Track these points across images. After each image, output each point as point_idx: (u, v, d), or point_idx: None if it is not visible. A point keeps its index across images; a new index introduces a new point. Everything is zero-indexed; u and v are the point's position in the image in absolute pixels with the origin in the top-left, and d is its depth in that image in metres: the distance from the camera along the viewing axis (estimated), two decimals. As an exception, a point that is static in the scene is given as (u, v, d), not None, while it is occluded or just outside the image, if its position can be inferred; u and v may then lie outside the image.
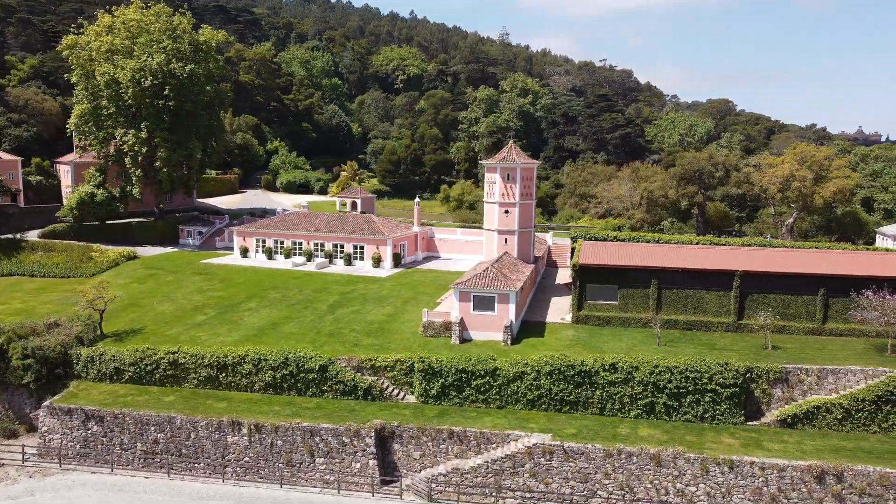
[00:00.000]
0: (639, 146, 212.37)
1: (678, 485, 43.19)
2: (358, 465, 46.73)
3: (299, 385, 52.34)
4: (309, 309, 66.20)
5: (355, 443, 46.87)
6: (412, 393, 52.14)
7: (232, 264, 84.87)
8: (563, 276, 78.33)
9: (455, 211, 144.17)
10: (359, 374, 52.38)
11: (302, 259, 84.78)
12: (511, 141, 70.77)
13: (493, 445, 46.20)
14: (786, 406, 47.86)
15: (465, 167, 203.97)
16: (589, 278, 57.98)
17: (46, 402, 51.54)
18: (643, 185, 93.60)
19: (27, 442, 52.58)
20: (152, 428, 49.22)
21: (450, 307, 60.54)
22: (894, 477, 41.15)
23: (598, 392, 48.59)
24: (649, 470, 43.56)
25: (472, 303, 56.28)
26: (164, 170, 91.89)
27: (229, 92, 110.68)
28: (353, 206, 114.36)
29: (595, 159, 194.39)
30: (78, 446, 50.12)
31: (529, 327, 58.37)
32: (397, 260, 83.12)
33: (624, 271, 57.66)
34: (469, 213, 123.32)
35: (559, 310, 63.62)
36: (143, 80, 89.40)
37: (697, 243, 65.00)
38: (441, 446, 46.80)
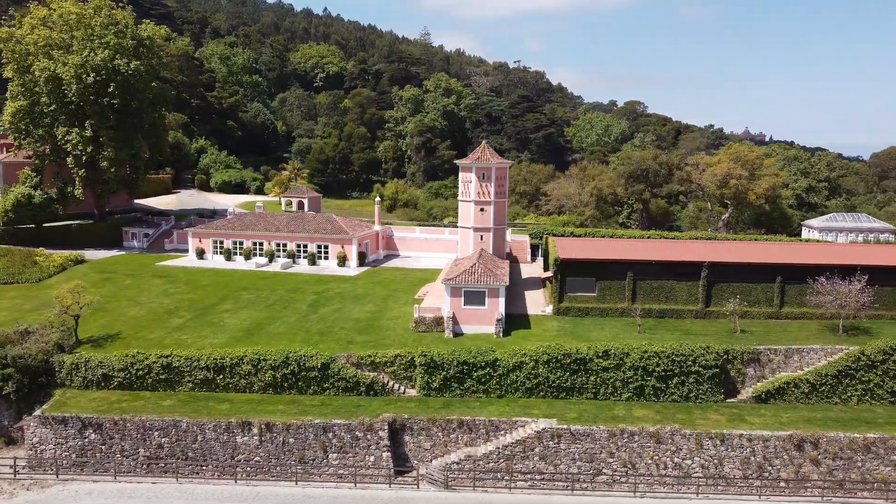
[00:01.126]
0: (560, 146, 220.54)
1: (675, 459, 47.02)
2: (372, 459, 47.92)
3: (300, 384, 52.76)
4: (289, 309, 66.31)
5: (368, 436, 48.02)
6: (412, 387, 53.66)
7: (190, 266, 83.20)
8: (526, 270, 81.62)
9: (394, 210, 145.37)
10: (358, 370, 53.39)
11: (264, 260, 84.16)
12: (484, 142, 73.37)
13: (502, 432, 48.54)
14: (759, 383, 52.80)
15: (392, 166, 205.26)
16: (569, 272, 61.33)
17: (37, 412, 49.64)
18: (592, 184, 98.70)
19: (5, 455, 50.39)
20: (156, 433, 48.47)
21: (434, 303, 62.43)
22: (861, 441, 46.54)
23: (592, 378, 51.83)
24: (649, 447, 47.16)
25: (462, 298, 58.41)
26: (112, 170, 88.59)
27: (172, 90, 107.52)
28: (300, 205, 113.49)
29: (520, 158, 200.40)
30: (74, 455, 48.63)
31: (514, 320, 61.06)
32: (362, 259, 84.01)
33: (602, 264, 61.39)
34: (415, 212, 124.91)
35: (535, 303, 66.69)
36: (86, 76, 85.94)
37: (649, 237, 69.79)
38: (451, 436, 48.69)
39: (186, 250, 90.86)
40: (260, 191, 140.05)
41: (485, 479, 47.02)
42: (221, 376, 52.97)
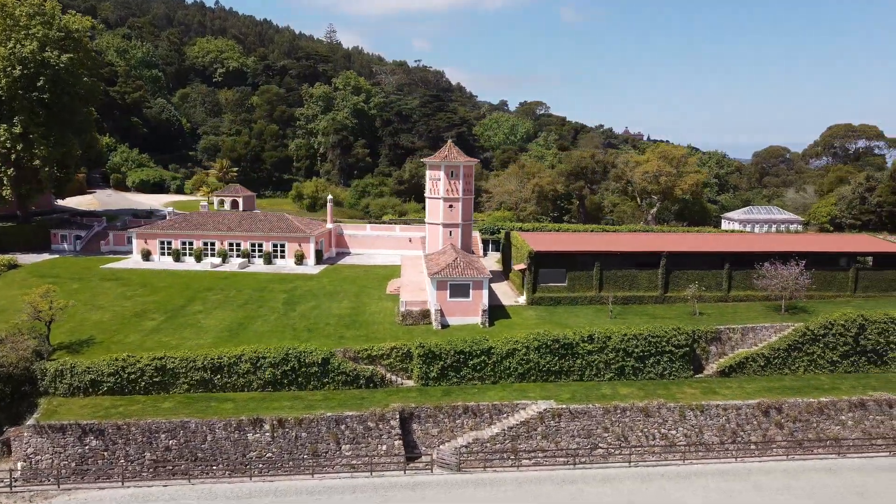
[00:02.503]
0: (470, 144, 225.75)
1: (662, 430, 51.76)
2: (384, 447, 49.50)
3: (300, 380, 53.39)
4: (264, 308, 66.21)
5: (380, 426, 49.58)
6: (408, 378, 55.57)
7: (139, 268, 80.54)
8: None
9: (316, 210, 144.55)
10: (356, 364, 54.65)
11: (218, 260, 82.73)
12: (450, 141, 75.70)
13: (504, 415, 51.51)
14: (721, 359, 58.72)
15: (305, 164, 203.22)
16: (542, 263, 65.16)
17: (30, 422, 47.51)
18: (534, 181, 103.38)
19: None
20: (163, 435, 47.74)
21: (416, 296, 64.42)
22: (815, 405, 53.19)
23: (578, 361, 55.81)
24: (639, 420, 51.64)
25: (448, 291, 60.83)
26: (46, 168, 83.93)
27: (101, 85, 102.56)
28: (234, 204, 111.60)
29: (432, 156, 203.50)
30: (73, 464, 47.01)
31: (493, 311, 64.09)
32: (319, 257, 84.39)
33: (571, 256, 65.69)
34: (350, 211, 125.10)
35: (505, 294, 70.10)
36: (12, 69, 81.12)
37: (591, 231, 74.99)
38: (457, 421, 51.11)
39: (126, 252, 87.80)
40: (180, 190, 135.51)
41: (493, 460, 49.80)
42: (219, 376, 52.69)
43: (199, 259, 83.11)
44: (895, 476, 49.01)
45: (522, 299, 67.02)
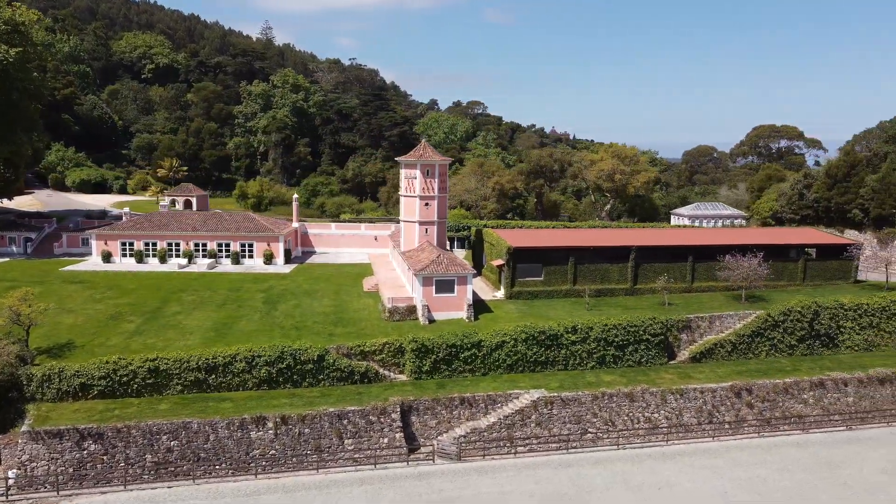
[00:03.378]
0: (412, 143, 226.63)
1: (646, 413, 54.86)
2: (385, 440, 50.55)
3: (295, 377, 53.76)
4: (245, 307, 65.93)
5: (382, 419, 50.62)
6: (400, 372, 56.78)
7: (101, 270, 78.33)
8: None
9: (262, 209, 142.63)
10: (350, 360, 55.45)
11: (184, 261, 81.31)
12: (423, 140, 76.85)
13: (499, 405, 53.45)
14: (692, 346, 62.48)
15: (245, 163, 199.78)
16: (520, 259, 67.47)
17: (24, 428, 46.18)
18: (494, 179, 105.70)
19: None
20: (164, 436, 47.31)
21: (397, 293, 65.56)
22: (781, 385, 57.49)
23: (563, 351, 58.35)
24: (625, 405, 54.57)
25: (434, 287, 62.29)
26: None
27: (48, 82, 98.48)
28: (188, 204, 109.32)
29: (374, 155, 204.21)
30: (71, 470, 46.01)
31: (475, 305, 65.78)
32: (288, 256, 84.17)
33: (547, 251, 68.26)
34: (306, 210, 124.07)
35: (480, 290, 71.97)
36: (-43, 63, 77.50)
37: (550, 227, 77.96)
38: (454, 412, 52.71)
39: (81, 254, 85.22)
40: (123, 190, 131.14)
41: (490, 448, 51.63)
42: (214, 376, 52.49)
43: (163, 260, 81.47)
44: (855, 448, 53.59)
45: (500, 294, 69.15)
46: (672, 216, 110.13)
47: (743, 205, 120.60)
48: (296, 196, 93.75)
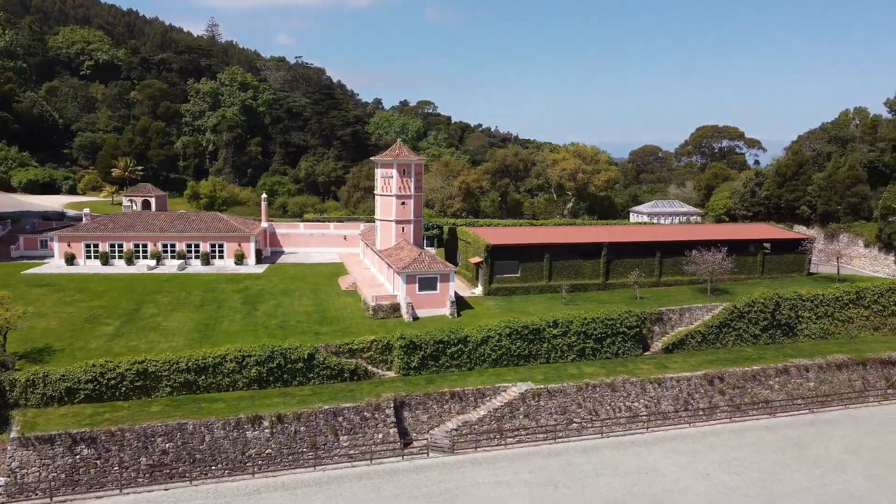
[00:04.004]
0: (365, 143, 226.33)
1: (627, 403, 57.17)
2: (380, 436, 51.29)
3: (285, 376, 53.92)
4: (224, 308, 65.50)
5: (377, 415, 51.33)
6: (388, 369, 57.57)
7: (64, 273, 76.32)
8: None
9: (221, 210, 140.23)
10: (339, 358, 55.92)
11: (153, 262, 79.86)
12: (399, 140, 77.46)
13: (488, 398, 54.85)
14: (664, 337, 65.27)
15: (194, 163, 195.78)
16: (498, 256, 69.07)
17: (14, 435, 45.04)
18: (460, 179, 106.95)
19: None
20: (159, 439, 46.88)
21: (380, 291, 66.25)
22: (749, 373, 60.74)
23: (545, 345, 60.18)
24: (607, 395, 56.75)
25: (417, 284, 63.25)
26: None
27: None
28: (146, 204, 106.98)
29: (326, 154, 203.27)
30: (63, 475, 45.15)
31: (457, 302, 67.08)
32: (259, 256, 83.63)
33: (524, 248, 70.08)
34: (271, 211, 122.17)
35: (456, 287, 73.14)
36: None
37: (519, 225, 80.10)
38: (445, 406, 53.84)
39: (40, 257, 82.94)
40: (73, 190, 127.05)
41: (481, 441, 52.98)
42: (203, 377, 52.18)
43: (130, 262, 79.83)
44: (819, 429, 57.17)
45: (478, 290, 70.59)
46: (631, 213, 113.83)
47: (692, 202, 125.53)
48: (265, 196, 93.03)
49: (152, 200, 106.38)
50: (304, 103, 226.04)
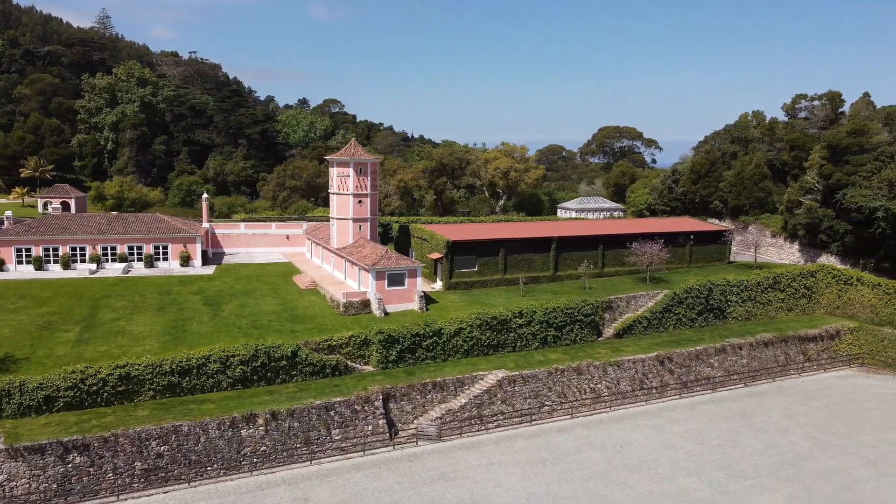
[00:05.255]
0: (274, 142, 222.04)
1: (591, 385, 61.40)
2: (370, 427, 52.68)
3: (269, 375, 54.21)
4: (187, 310, 64.44)
5: (366, 408, 52.68)
6: (366, 364, 58.93)
7: (-2, 279, 71.89)
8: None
9: (126, 211, 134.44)
10: (319, 354, 56.72)
11: (93, 266, 76.62)
12: (353, 139, 78.05)
13: (467, 386, 57.43)
14: (615, 324, 70.23)
15: (92, 162, 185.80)
16: (457, 252, 71.72)
17: (0, 447, 43.02)
18: (398, 177, 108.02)
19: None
20: (154, 442, 46.19)
21: (342, 288, 67.21)
22: (694, 353, 66.63)
23: (511, 335, 63.47)
24: (574, 379, 60.74)
25: (386, 280, 64.77)
26: None
27: None
28: (65, 206, 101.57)
29: (234, 153, 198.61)
30: (55, 486, 43.68)
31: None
32: (205, 257, 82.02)
33: (481, 244, 73.08)
34: (181, 210, 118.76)
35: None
36: None
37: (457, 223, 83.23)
38: (427, 396, 55.93)
39: (-42, 263, 77.30)
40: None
41: (464, 427, 55.48)
42: (188, 379, 51.65)
43: (66, 266, 76.19)
44: (756, 400, 63.71)
45: (438, 285, 72.93)
46: (559, 210, 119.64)
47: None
48: (205, 196, 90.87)
49: (71, 202, 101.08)
50: (207, 100, 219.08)
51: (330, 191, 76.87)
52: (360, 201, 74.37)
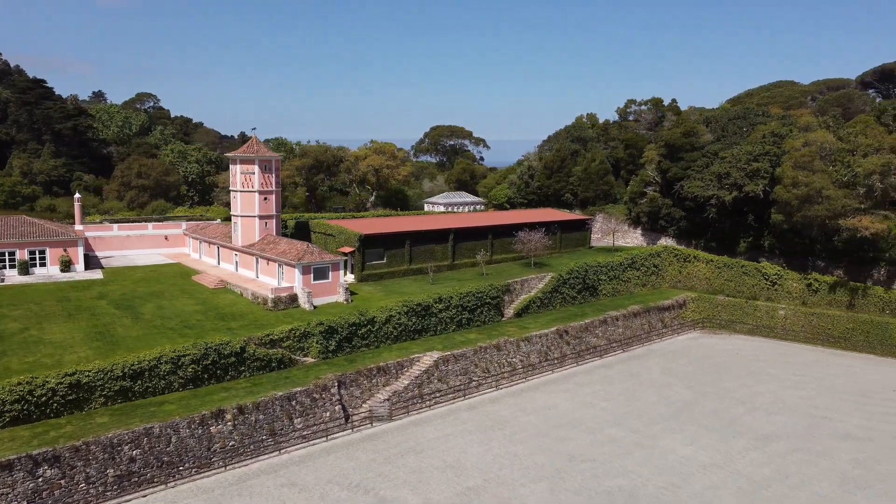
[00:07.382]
0: (86, 137, 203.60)
1: (508, 359, 68.09)
2: (328, 414, 54.79)
3: (219, 372, 54.18)
4: (102, 315, 61.75)
5: (324, 395, 54.71)
6: (305, 355, 60.59)
7: None
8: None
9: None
10: (265, 349, 57.53)
11: (-40, 275, 69.03)
12: (254, 134, 76.91)
13: (405, 369, 61.37)
14: (513, 304, 77.67)
15: None
16: (368, 245, 74.88)
17: (-37, 467, 39.59)
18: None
19: None
20: (126, 447, 44.92)
21: (268, 283, 67.69)
22: (585, 326, 75.98)
23: (433, 319, 68.31)
24: (495, 355, 67.00)
25: (312, 274, 66.38)
26: None
27: None
28: None
29: (39, 151, 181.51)
30: (25, 502, 41.19)
31: (336, 290, 71.30)
32: (88, 261, 76.97)
33: (389, 237, 76.80)
34: (40, 213, 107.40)
35: (323, 277, 77.03)
36: None
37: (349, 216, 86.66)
38: (373, 381, 59.08)
39: None
40: None
41: (409, 406, 59.43)
42: (140, 382, 50.31)
43: (-76, 277, 67.96)
44: (637, 361, 74.45)
45: (351, 278, 75.48)
46: (426, 205, 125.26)
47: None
48: (78, 195, 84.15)
49: None
50: (7, 94, 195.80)
51: (232, 188, 75.90)
52: (265, 198, 74.53)
